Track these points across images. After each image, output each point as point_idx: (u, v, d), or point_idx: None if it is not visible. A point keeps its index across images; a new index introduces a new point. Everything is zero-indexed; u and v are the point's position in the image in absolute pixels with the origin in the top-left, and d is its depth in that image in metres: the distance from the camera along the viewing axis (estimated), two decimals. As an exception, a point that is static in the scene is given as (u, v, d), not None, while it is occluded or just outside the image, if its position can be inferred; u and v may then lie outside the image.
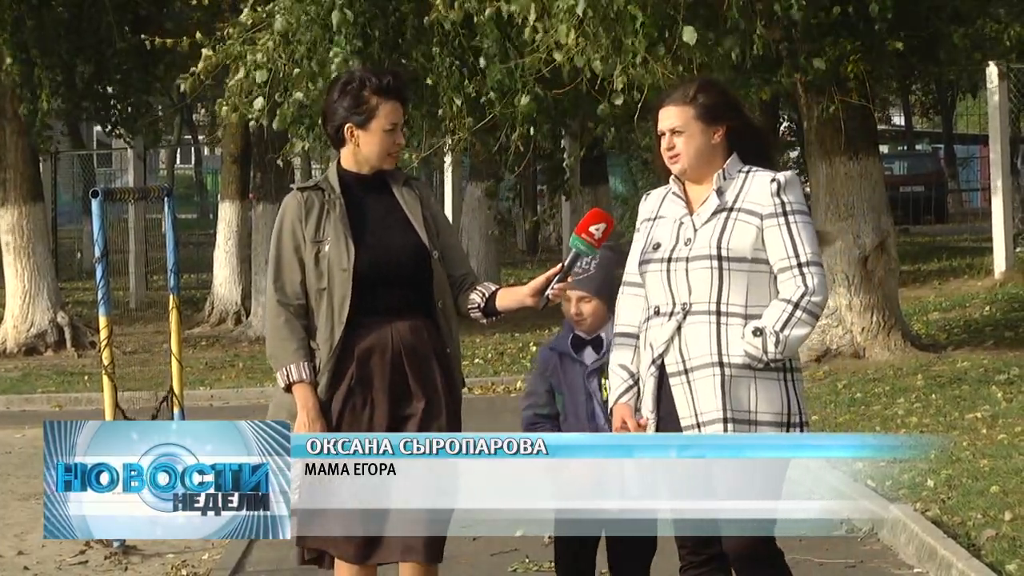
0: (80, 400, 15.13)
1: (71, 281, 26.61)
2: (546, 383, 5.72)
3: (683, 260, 5.14)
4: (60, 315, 19.03)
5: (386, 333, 5.45)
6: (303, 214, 5.52)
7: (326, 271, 5.46)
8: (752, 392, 5.07)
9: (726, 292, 5.09)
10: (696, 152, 5.20)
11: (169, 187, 10.35)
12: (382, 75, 5.53)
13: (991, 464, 9.29)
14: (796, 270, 5.11)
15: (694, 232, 5.16)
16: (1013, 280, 18.64)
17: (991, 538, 7.58)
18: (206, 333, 19.86)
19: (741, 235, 5.12)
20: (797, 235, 5.12)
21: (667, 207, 5.28)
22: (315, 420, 5.41)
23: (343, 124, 5.51)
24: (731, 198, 5.18)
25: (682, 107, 5.22)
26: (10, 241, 18.91)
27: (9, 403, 15.29)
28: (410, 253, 5.50)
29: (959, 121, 46.98)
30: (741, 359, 5.06)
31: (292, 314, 5.48)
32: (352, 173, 5.58)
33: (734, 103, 5.31)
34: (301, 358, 5.45)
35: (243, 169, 20.64)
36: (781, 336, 5.03)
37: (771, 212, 5.14)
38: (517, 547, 8.13)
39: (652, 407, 5.17)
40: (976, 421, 10.94)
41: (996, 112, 19.25)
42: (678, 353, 5.11)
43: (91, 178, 32.10)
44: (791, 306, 5.07)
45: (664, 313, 5.15)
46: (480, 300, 5.56)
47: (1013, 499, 8.31)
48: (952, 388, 12.41)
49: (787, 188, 5.16)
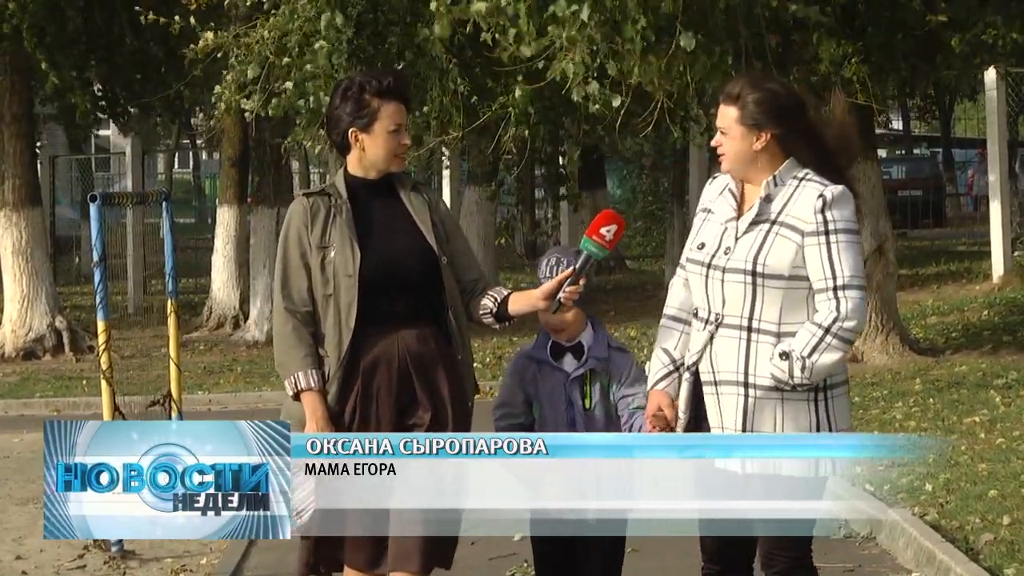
0: (78, 404, 15.13)
1: (69, 286, 26.60)
2: (522, 392, 5.59)
3: (720, 269, 5.03)
4: (58, 319, 19.03)
5: (393, 342, 5.39)
6: (309, 220, 5.47)
7: (332, 277, 5.41)
8: (778, 415, 4.96)
9: (759, 308, 4.97)
10: (736, 156, 5.07)
11: (167, 191, 10.36)
12: (382, 77, 5.48)
13: (989, 468, 9.30)
14: (831, 293, 4.95)
15: (735, 241, 5.04)
16: (1011, 284, 18.66)
17: (989, 542, 7.59)
18: (204, 337, 19.85)
19: (780, 252, 4.97)
20: (836, 256, 4.94)
21: (720, 204, 5.15)
22: (324, 428, 5.35)
23: (347, 129, 5.46)
24: (776, 209, 5.02)
25: (728, 106, 5.08)
26: (8, 246, 18.92)
27: (7, 407, 15.29)
28: (417, 259, 5.45)
29: (957, 125, 47.00)
30: (768, 381, 4.95)
31: (300, 321, 5.42)
32: (359, 178, 5.53)
33: (785, 106, 5.06)
34: (309, 365, 5.39)
35: (241, 173, 20.63)
36: (808, 362, 4.90)
37: (813, 230, 4.96)
38: (516, 551, 8.14)
39: (686, 408, 5.11)
40: (974, 425, 10.95)
41: (995, 116, 19.27)
42: (709, 363, 5.04)
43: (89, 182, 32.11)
44: (821, 331, 4.93)
45: (701, 318, 5.09)
46: (492, 305, 5.51)
47: (1011, 503, 8.32)
48: (950, 392, 12.42)
49: (834, 204, 4.97)
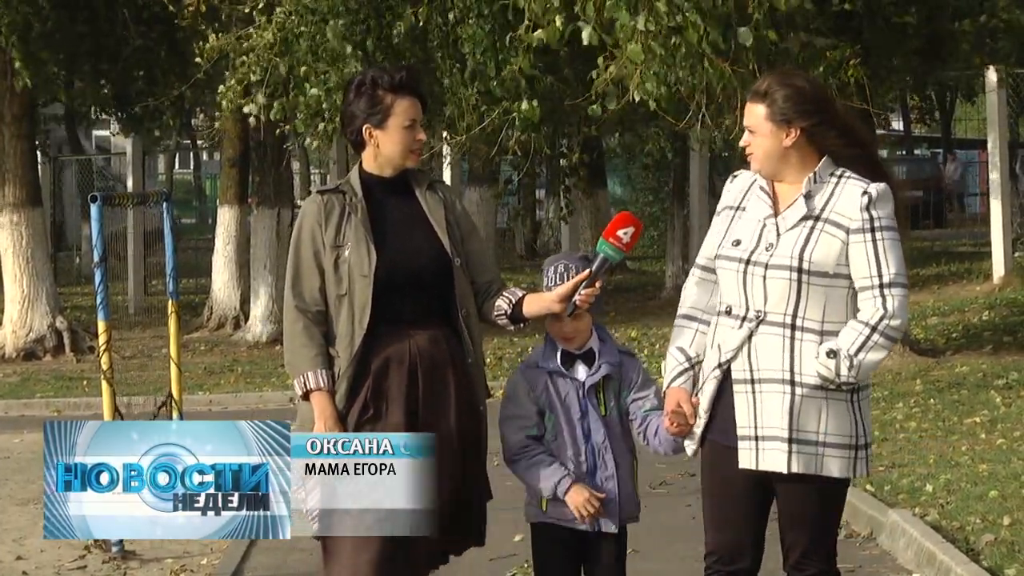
0: (79, 405, 15.14)
1: (70, 286, 26.61)
2: (535, 404, 5.41)
3: (762, 265, 4.95)
4: (59, 320, 19.03)
5: (404, 343, 5.31)
6: (323, 218, 5.37)
7: (346, 276, 5.32)
8: (823, 414, 4.90)
9: (803, 306, 4.91)
10: (766, 154, 5.01)
11: (168, 192, 10.35)
12: (395, 71, 5.39)
13: (990, 469, 9.31)
14: (877, 291, 4.91)
15: (777, 237, 4.97)
16: (1012, 285, 18.66)
17: (990, 543, 7.58)
18: (205, 338, 19.85)
19: (825, 248, 4.92)
20: (883, 253, 4.93)
21: (753, 202, 5.07)
22: (332, 429, 5.26)
23: (361, 126, 5.37)
24: (819, 205, 4.97)
25: (756, 104, 5.02)
26: (9, 246, 18.92)
27: (8, 408, 15.30)
28: (431, 259, 5.36)
29: (957, 126, 47.00)
30: (814, 379, 4.89)
31: (311, 320, 5.33)
32: (374, 176, 5.44)
33: (811, 103, 5.00)
34: (319, 365, 5.30)
35: (242, 174, 20.64)
36: (855, 360, 4.86)
37: (858, 227, 4.93)
38: (516, 552, 8.14)
39: (708, 408, 5.03)
40: (975, 426, 10.95)
41: (995, 117, 19.27)
42: (747, 361, 4.95)
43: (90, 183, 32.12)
44: (868, 329, 4.89)
45: (736, 316, 4.99)
46: (507, 307, 5.43)
47: (1012, 504, 8.32)
48: (951, 393, 12.42)
49: (878, 202, 4.95)
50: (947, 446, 10.29)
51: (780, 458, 4.89)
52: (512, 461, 5.41)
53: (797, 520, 5.00)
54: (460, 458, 5.35)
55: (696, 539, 8.14)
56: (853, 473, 4.96)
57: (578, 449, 5.34)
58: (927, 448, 10.31)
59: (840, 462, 4.91)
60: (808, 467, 4.88)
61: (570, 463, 5.33)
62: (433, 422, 5.29)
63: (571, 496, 5.29)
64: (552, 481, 5.30)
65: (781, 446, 4.89)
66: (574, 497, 5.29)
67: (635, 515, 5.44)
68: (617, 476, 5.33)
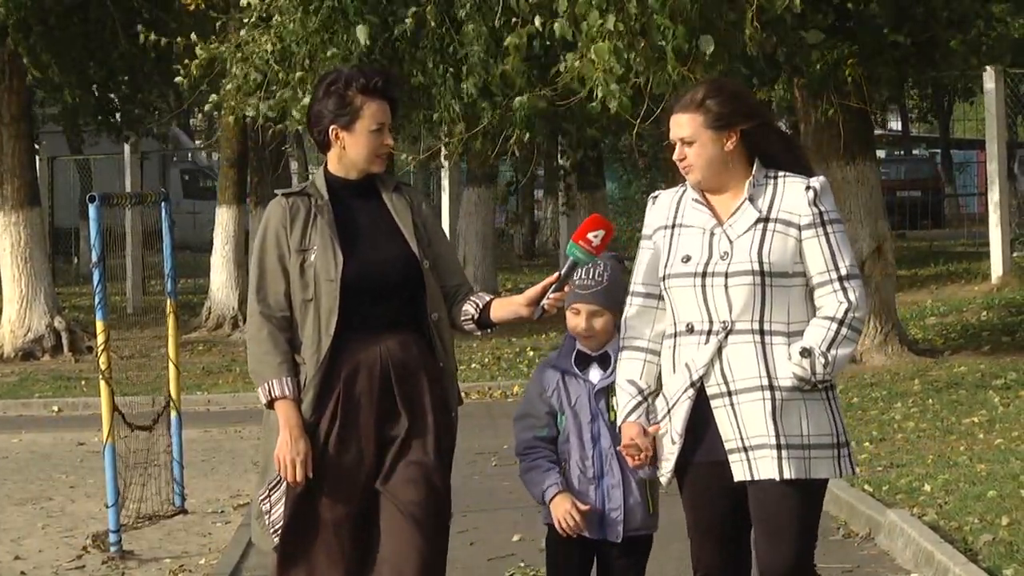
0: (77, 405, 15.13)
1: (68, 286, 26.60)
2: (546, 404, 5.29)
3: (721, 275, 4.82)
4: (57, 320, 19.02)
5: (374, 349, 5.14)
6: (288, 221, 5.19)
7: (312, 281, 5.13)
8: (803, 416, 4.82)
9: (768, 309, 4.83)
10: (708, 162, 4.89)
11: (166, 192, 10.35)
12: (369, 74, 5.23)
13: (988, 469, 9.30)
14: (837, 284, 4.85)
15: (730, 245, 4.85)
16: (1010, 285, 18.67)
17: (988, 543, 7.58)
18: (203, 338, 19.85)
19: (780, 248, 4.84)
20: (836, 246, 4.87)
21: (690, 215, 4.94)
22: (298, 439, 5.08)
23: (328, 126, 5.20)
24: (765, 207, 4.89)
25: (691, 114, 4.90)
26: (7, 246, 18.92)
27: (6, 408, 15.29)
28: (399, 264, 5.19)
29: (956, 126, 47.03)
30: (791, 381, 4.80)
31: (275, 327, 5.14)
32: (339, 178, 5.26)
33: (747, 105, 4.96)
34: (284, 373, 5.11)
35: (240, 174, 20.64)
36: (829, 356, 4.79)
37: (809, 222, 4.86)
38: (514, 552, 8.14)
39: (682, 431, 4.87)
40: (973, 426, 10.95)
41: (993, 117, 19.28)
42: (720, 375, 4.83)
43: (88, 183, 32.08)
44: (835, 323, 4.82)
45: (700, 331, 4.85)
46: (474, 311, 5.25)
47: (1010, 504, 8.32)
48: (949, 393, 12.42)
49: (822, 195, 4.90)
50: (945, 446, 10.29)
51: (771, 465, 4.79)
52: (518, 458, 5.35)
53: (784, 528, 4.85)
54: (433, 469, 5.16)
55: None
56: (838, 472, 4.89)
57: (585, 453, 5.24)
58: (925, 448, 10.31)
59: (827, 463, 4.85)
60: (799, 471, 4.80)
61: (577, 467, 5.22)
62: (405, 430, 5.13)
63: (553, 505, 5.20)
64: (541, 487, 5.22)
65: (771, 453, 4.79)
66: (555, 507, 5.19)
67: (648, 525, 5.28)
68: (624, 484, 5.20)
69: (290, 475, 5.08)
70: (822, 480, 4.89)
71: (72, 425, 13.82)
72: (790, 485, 4.80)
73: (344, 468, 5.11)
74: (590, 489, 5.21)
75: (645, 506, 5.25)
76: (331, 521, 5.14)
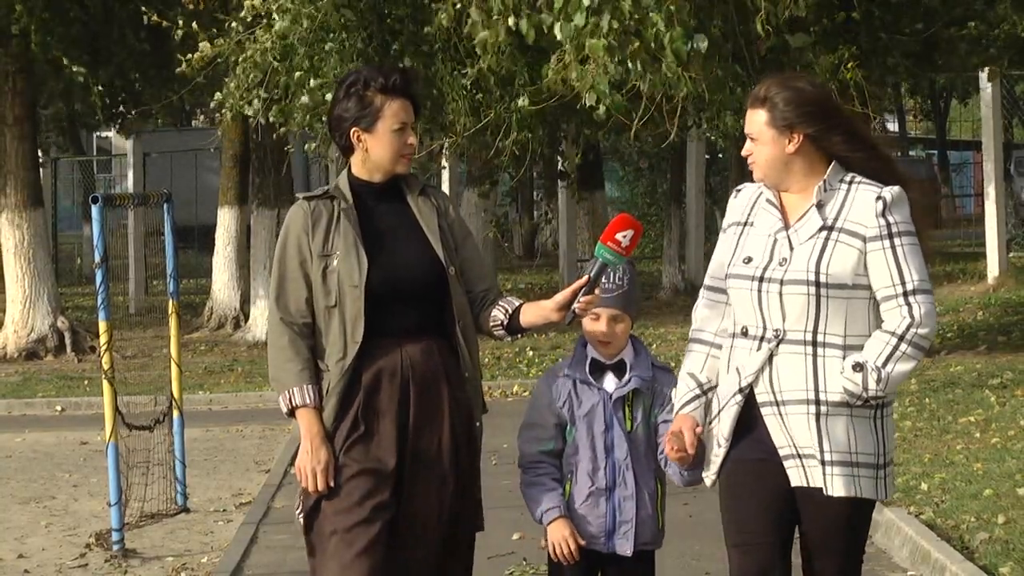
0: (80, 404, 15.12)
1: (71, 286, 26.59)
2: (555, 415, 5.07)
3: (777, 282, 4.64)
4: (60, 320, 19.01)
5: (396, 356, 4.99)
6: (310, 226, 5.03)
7: (335, 287, 4.98)
8: (851, 432, 4.62)
9: (824, 321, 4.61)
10: (768, 162, 4.71)
11: (168, 193, 10.36)
12: (388, 73, 5.06)
13: (984, 468, 9.31)
14: (902, 299, 4.61)
15: (791, 251, 4.66)
16: (1006, 285, 18.68)
17: (984, 541, 7.58)
18: (205, 338, 19.84)
19: (842, 259, 4.62)
20: (903, 260, 4.61)
21: (760, 216, 4.77)
22: (319, 448, 4.95)
23: (349, 129, 5.03)
24: (832, 215, 4.66)
25: (756, 110, 4.72)
26: (10, 247, 18.92)
27: (10, 407, 15.29)
28: (425, 269, 5.03)
29: (952, 127, 47.04)
30: (839, 396, 4.60)
31: (296, 334, 5.00)
32: (363, 181, 5.09)
33: (817, 105, 4.71)
34: (305, 381, 4.98)
35: (242, 175, 20.63)
36: (883, 372, 4.56)
37: (876, 234, 4.62)
38: (514, 550, 8.14)
39: (729, 435, 4.72)
40: (969, 425, 10.96)
41: (989, 119, 19.28)
42: (768, 384, 4.65)
43: (91, 184, 32.09)
44: (895, 339, 4.58)
45: (753, 336, 4.68)
46: (503, 316, 5.07)
47: (1006, 502, 8.32)
48: (946, 392, 12.43)
49: (893, 207, 4.63)
50: (942, 445, 10.29)
51: (819, 478, 4.62)
52: (521, 470, 5.16)
53: (833, 544, 4.70)
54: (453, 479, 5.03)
55: (693, 537, 8.15)
56: (883, 494, 4.71)
57: (597, 465, 5.03)
58: (922, 447, 10.31)
59: (870, 482, 4.66)
60: (848, 489, 4.61)
61: (587, 478, 5.02)
62: (425, 440, 5.01)
63: (551, 529, 5.02)
64: (541, 508, 5.04)
65: (818, 466, 4.61)
66: (552, 532, 5.01)
67: (656, 541, 5.10)
68: (637, 497, 5.02)
69: (311, 484, 4.94)
70: (870, 499, 4.71)
71: (75, 424, 13.82)
72: (841, 503, 4.64)
73: (363, 477, 4.96)
74: (601, 501, 5.03)
75: (656, 520, 5.08)
76: (349, 529, 4.95)
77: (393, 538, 4.97)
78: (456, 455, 5.03)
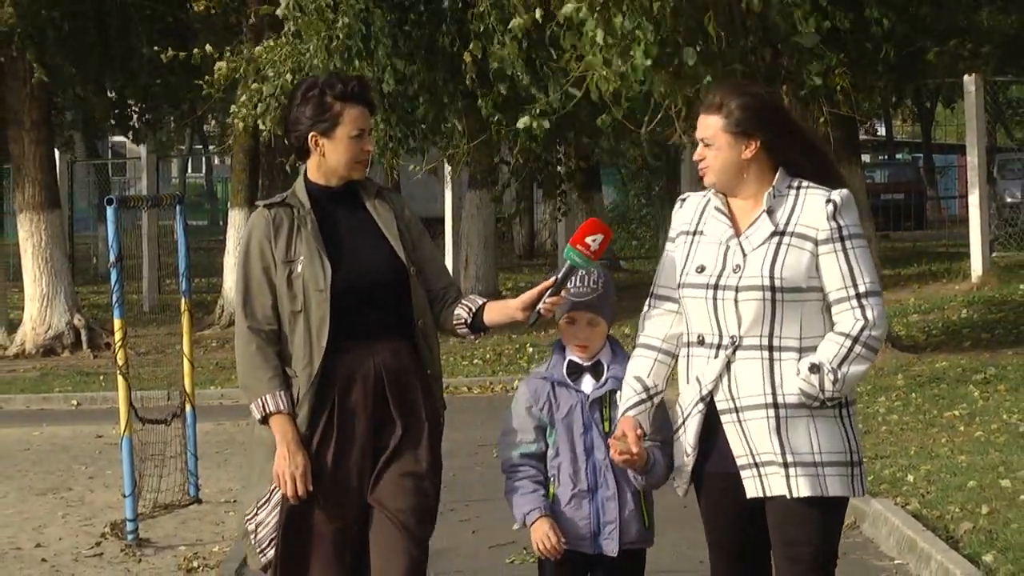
0: (96, 399, 15.13)
1: (87, 285, 26.59)
2: (535, 418, 4.90)
3: (732, 289, 4.53)
4: (76, 318, 19.02)
5: (367, 359, 4.87)
6: (272, 232, 4.90)
7: (300, 292, 4.85)
8: (812, 433, 4.51)
9: (779, 325, 4.51)
10: (723, 167, 4.60)
11: (181, 195, 10.35)
12: (346, 80, 4.97)
13: (968, 460, 9.31)
14: (855, 300, 4.52)
15: (743, 258, 4.56)
16: (989, 284, 18.67)
17: (968, 531, 7.58)
18: (216, 335, 19.85)
19: (795, 262, 4.52)
20: (855, 262, 4.54)
21: (710, 224, 4.65)
22: (296, 453, 4.81)
23: (307, 133, 4.91)
24: (783, 220, 4.56)
25: (712, 116, 4.61)
26: (28, 247, 18.92)
27: (28, 402, 15.30)
28: (387, 271, 4.92)
29: (937, 131, 47.00)
30: (797, 398, 4.50)
31: (264, 340, 4.86)
32: (320, 186, 4.97)
33: (772, 113, 4.64)
34: (277, 387, 4.83)
35: (252, 178, 20.65)
36: (839, 373, 4.47)
37: (827, 237, 4.53)
38: (515, 539, 8.13)
39: (695, 444, 4.60)
40: (954, 419, 10.96)
41: (973, 123, 19.28)
42: (727, 391, 4.54)
43: (106, 186, 32.10)
44: (850, 340, 4.50)
45: (710, 344, 4.57)
46: (467, 315, 4.97)
47: (989, 493, 8.32)
48: (931, 387, 12.42)
49: (843, 209, 4.55)
50: (927, 438, 10.29)
51: (781, 483, 4.50)
52: (504, 477, 4.97)
53: (801, 546, 4.55)
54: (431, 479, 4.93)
55: (687, 526, 8.14)
56: (852, 491, 4.57)
57: (578, 467, 4.87)
58: (908, 440, 10.31)
59: (840, 480, 4.53)
60: (813, 488, 4.49)
61: (569, 480, 4.85)
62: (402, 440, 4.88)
63: (533, 529, 4.83)
64: (524, 510, 4.86)
65: (779, 470, 4.49)
66: (534, 531, 4.82)
67: (644, 539, 4.94)
68: (619, 497, 4.85)
69: (290, 490, 4.81)
70: (839, 498, 4.57)
71: (91, 418, 13.82)
72: (805, 503, 4.51)
73: (340, 481, 4.86)
74: (584, 503, 4.86)
75: (640, 519, 4.92)
76: (328, 535, 4.87)
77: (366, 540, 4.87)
78: (430, 453, 4.93)
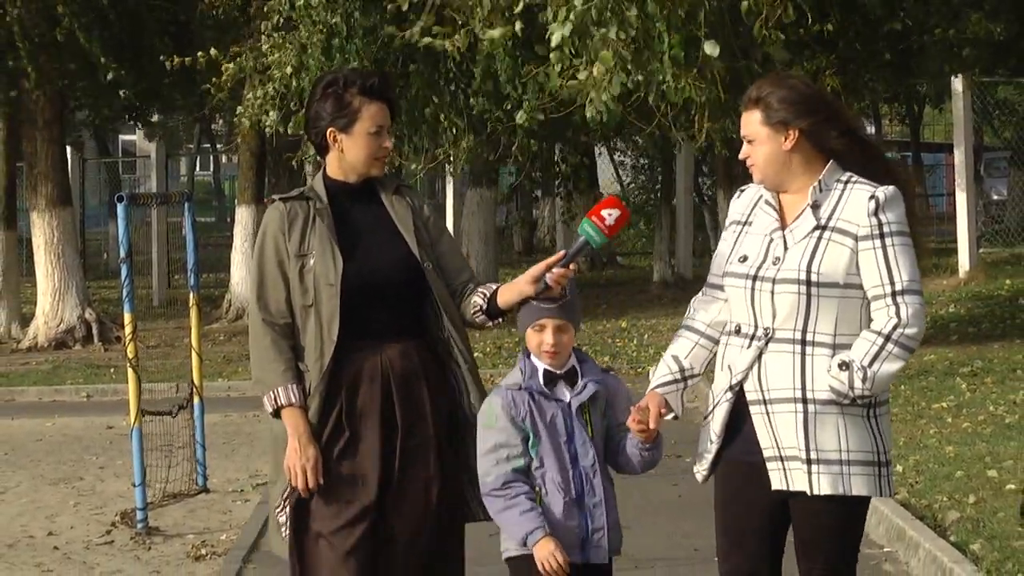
0: (106, 391, 15.12)
1: (98, 280, 26.59)
2: (520, 430, 4.64)
3: (769, 280, 4.43)
4: (88, 312, 19.01)
5: (376, 358, 4.78)
6: (286, 226, 4.82)
7: (312, 287, 4.76)
8: (840, 430, 4.39)
9: (813, 320, 4.39)
10: (766, 161, 4.49)
11: (189, 192, 10.35)
12: (367, 76, 4.86)
13: (956, 451, 9.31)
14: (890, 299, 4.40)
15: (784, 251, 4.45)
16: (976, 279, 18.66)
17: (956, 520, 7.58)
18: (224, 329, 19.83)
19: (834, 258, 4.40)
20: (894, 260, 4.43)
21: (758, 216, 4.56)
22: (307, 446, 4.73)
23: (326, 129, 4.83)
24: (826, 214, 4.44)
25: (750, 111, 4.50)
26: (41, 243, 18.91)
27: (40, 394, 15.29)
28: (400, 267, 4.81)
29: (925, 131, 46.98)
30: (826, 394, 4.37)
31: (278, 334, 4.78)
32: (338, 182, 4.89)
33: (810, 100, 4.49)
34: (289, 380, 4.75)
35: (259, 175, 20.63)
36: (869, 372, 4.33)
37: (867, 233, 4.41)
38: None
39: (720, 432, 4.51)
40: (942, 411, 10.95)
41: (961, 123, 19.27)
42: (757, 382, 4.44)
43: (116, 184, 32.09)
44: (882, 339, 4.36)
45: (745, 335, 4.48)
46: (482, 302, 4.86)
47: (976, 483, 8.33)
48: (920, 380, 12.42)
49: (886, 206, 4.43)
50: (916, 430, 10.28)
51: (803, 479, 4.39)
52: (489, 497, 4.67)
53: (820, 544, 4.47)
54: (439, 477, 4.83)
55: (681, 516, 8.15)
56: (879, 492, 4.45)
57: (565, 476, 4.63)
58: (897, 431, 10.30)
59: (865, 479, 4.41)
60: (835, 487, 4.38)
61: (557, 490, 4.61)
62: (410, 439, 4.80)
63: (538, 548, 4.56)
64: (525, 530, 4.58)
65: (802, 467, 4.38)
66: (538, 552, 4.56)
67: (620, 545, 4.73)
68: (605, 503, 4.65)
69: (301, 483, 4.75)
70: (862, 497, 4.45)
71: (102, 410, 13.82)
72: (828, 501, 4.41)
73: (349, 479, 4.77)
74: (574, 511, 4.63)
75: (619, 522, 4.73)
76: (336, 532, 4.77)
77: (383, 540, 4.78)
78: (440, 452, 4.84)
